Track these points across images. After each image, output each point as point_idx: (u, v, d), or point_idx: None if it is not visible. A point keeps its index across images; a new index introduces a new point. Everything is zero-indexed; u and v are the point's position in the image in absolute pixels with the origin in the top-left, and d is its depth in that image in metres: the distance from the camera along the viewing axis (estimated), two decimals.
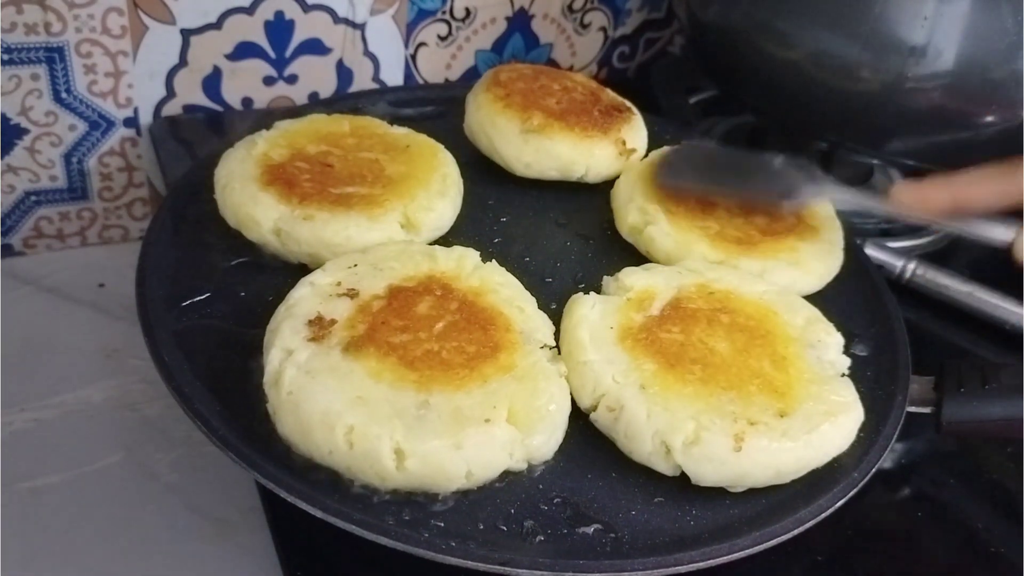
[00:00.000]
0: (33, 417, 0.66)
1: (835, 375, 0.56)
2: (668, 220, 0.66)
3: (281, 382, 0.49)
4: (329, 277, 0.56)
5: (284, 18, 0.83)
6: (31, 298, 0.77)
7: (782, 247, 0.65)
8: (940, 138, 0.76)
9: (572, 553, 0.47)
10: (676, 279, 0.60)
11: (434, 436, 0.47)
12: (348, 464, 0.47)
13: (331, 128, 0.70)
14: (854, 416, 0.54)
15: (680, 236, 0.65)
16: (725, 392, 0.52)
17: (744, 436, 0.50)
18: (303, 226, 0.60)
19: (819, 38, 0.74)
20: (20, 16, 0.72)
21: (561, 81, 0.78)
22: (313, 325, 0.52)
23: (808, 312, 0.60)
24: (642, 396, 0.51)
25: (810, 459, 0.52)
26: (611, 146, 0.72)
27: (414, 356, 0.51)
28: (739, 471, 0.50)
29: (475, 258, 0.59)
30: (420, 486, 0.48)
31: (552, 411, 0.51)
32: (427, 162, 0.67)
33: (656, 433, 0.50)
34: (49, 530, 0.59)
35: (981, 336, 0.76)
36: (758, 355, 0.55)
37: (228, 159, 0.65)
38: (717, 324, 0.57)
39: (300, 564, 0.53)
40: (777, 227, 0.67)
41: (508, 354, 0.52)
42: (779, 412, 0.52)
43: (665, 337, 0.55)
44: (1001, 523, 0.62)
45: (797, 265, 0.65)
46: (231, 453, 0.48)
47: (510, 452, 0.49)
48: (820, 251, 0.67)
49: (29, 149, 0.79)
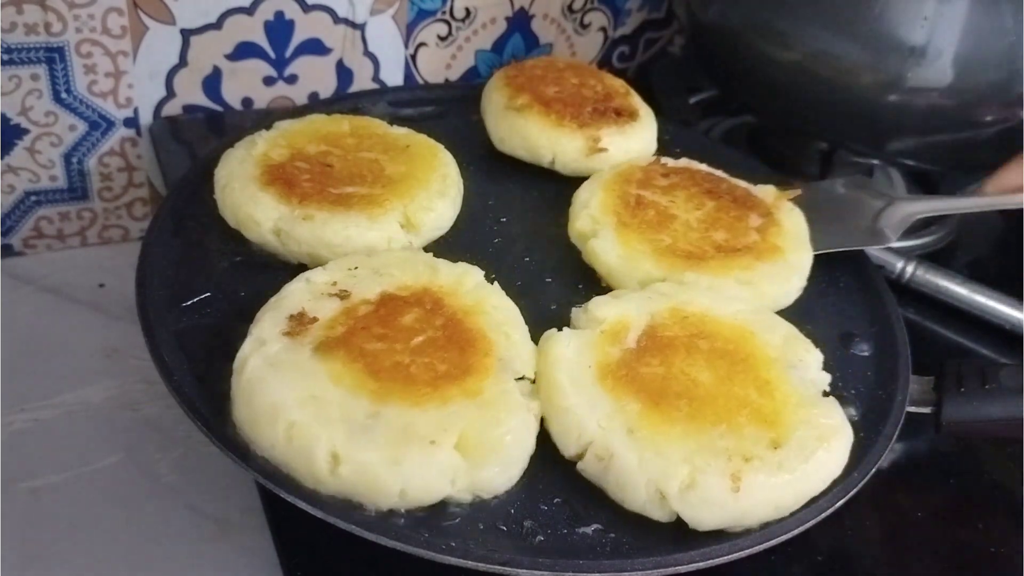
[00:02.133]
0: (33, 417, 0.66)
1: (819, 395, 0.54)
2: (616, 233, 0.63)
3: (244, 369, 0.49)
4: (327, 276, 0.56)
5: (284, 18, 0.83)
6: (31, 298, 0.77)
7: (736, 265, 0.62)
8: (940, 138, 0.76)
9: (572, 553, 0.47)
10: (647, 305, 0.57)
11: (373, 448, 0.46)
12: (286, 460, 0.47)
13: (331, 128, 0.70)
14: (845, 439, 0.52)
15: (624, 251, 0.62)
16: (715, 427, 0.50)
17: (741, 475, 0.47)
18: (303, 226, 0.60)
19: (819, 38, 0.74)
20: (20, 16, 0.72)
21: (585, 78, 0.79)
22: (293, 320, 0.52)
23: (784, 330, 0.58)
24: (631, 441, 0.49)
25: (808, 490, 0.50)
26: (581, 140, 0.73)
27: (381, 366, 0.50)
28: (738, 512, 0.48)
29: (477, 277, 0.58)
30: (353, 495, 0.46)
31: (508, 445, 0.48)
32: (427, 162, 0.67)
33: (650, 481, 0.48)
34: (49, 530, 0.59)
35: (981, 336, 0.76)
36: (742, 382, 0.53)
37: (228, 159, 0.65)
38: (696, 352, 0.54)
39: (300, 564, 0.52)
40: (736, 244, 0.64)
41: (477, 379, 0.50)
42: (772, 443, 0.49)
43: (646, 372, 0.52)
44: (1001, 523, 0.62)
45: (749, 284, 0.61)
46: (231, 453, 0.48)
47: (452, 479, 0.47)
48: (778, 273, 0.63)
49: (29, 149, 0.79)
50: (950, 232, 0.87)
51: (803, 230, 0.67)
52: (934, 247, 0.85)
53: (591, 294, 0.60)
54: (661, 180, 0.69)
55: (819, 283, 0.66)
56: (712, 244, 0.64)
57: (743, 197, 0.68)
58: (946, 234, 0.86)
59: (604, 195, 0.66)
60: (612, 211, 0.65)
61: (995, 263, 0.90)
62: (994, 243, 0.94)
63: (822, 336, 0.63)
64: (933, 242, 0.85)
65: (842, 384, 0.60)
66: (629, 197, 0.66)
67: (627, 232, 0.63)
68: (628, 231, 0.63)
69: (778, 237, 0.65)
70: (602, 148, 0.73)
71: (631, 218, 0.65)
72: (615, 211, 0.65)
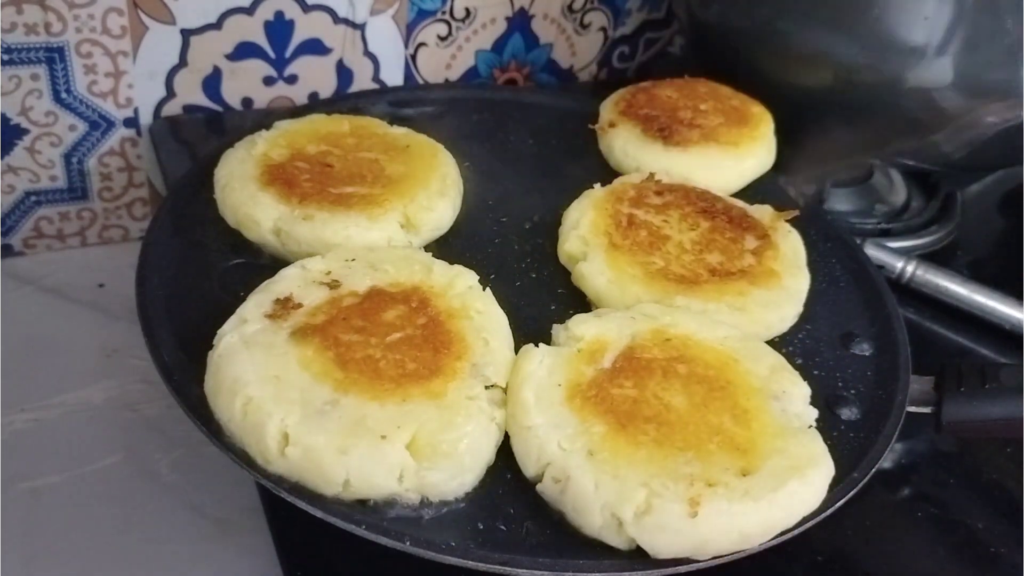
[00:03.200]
0: (33, 417, 0.66)
1: (802, 428, 0.51)
2: (606, 255, 0.61)
3: (219, 344, 0.50)
4: (322, 265, 0.56)
5: (284, 18, 0.83)
6: (31, 298, 0.77)
7: (729, 290, 0.60)
8: (940, 138, 0.76)
9: (572, 553, 0.47)
10: (629, 326, 0.55)
11: (323, 433, 0.46)
12: (240, 435, 0.48)
13: (331, 128, 0.70)
14: (824, 471, 0.49)
15: (613, 275, 0.60)
16: (682, 453, 0.47)
17: (700, 499, 0.45)
18: (303, 226, 0.60)
19: (819, 38, 0.74)
20: (20, 16, 0.72)
21: (695, 103, 0.79)
22: (278, 304, 0.53)
23: (772, 360, 0.55)
24: (589, 464, 0.47)
25: (777, 520, 0.47)
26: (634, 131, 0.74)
27: (351, 358, 0.50)
28: (697, 540, 0.45)
29: (470, 280, 0.57)
30: (300, 479, 0.47)
31: (461, 451, 0.47)
32: (427, 162, 0.67)
33: (605, 505, 0.46)
34: (49, 530, 0.59)
35: (981, 336, 0.76)
36: (717, 409, 0.50)
37: (228, 159, 0.65)
38: (673, 376, 0.52)
39: (300, 564, 0.53)
40: (730, 267, 0.62)
41: (443, 381, 0.49)
42: (741, 471, 0.47)
43: (617, 393, 0.50)
44: (1001, 523, 0.62)
45: (742, 311, 0.59)
46: (231, 454, 0.48)
47: (399, 477, 0.46)
48: (772, 299, 0.61)
49: (29, 149, 0.79)
50: (950, 232, 0.87)
51: (800, 254, 0.65)
52: (934, 247, 0.85)
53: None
54: (655, 198, 0.67)
55: (819, 283, 0.66)
56: (706, 267, 0.62)
57: (739, 217, 0.66)
58: (946, 234, 0.86)
59: (595, 215, 0.64)
60: (603, 232, 0.63)
61: (995, 263, 0.90)
62: (994, 243, 0.94)
63: (822, 336, 0.64)
64: (933, 242, 0.85)
65: (842, 384, 0.60)
66: (621, 216, 0.64)
67: (617, 255, 0.61)
68: (618, 253, 0.61)
69: (774, 261, 0.63)
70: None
71: (622, 239, 0.62)
72: (606, 231, 0.63)
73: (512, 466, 0.50)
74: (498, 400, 0.51)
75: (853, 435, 0.56)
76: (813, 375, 0.60)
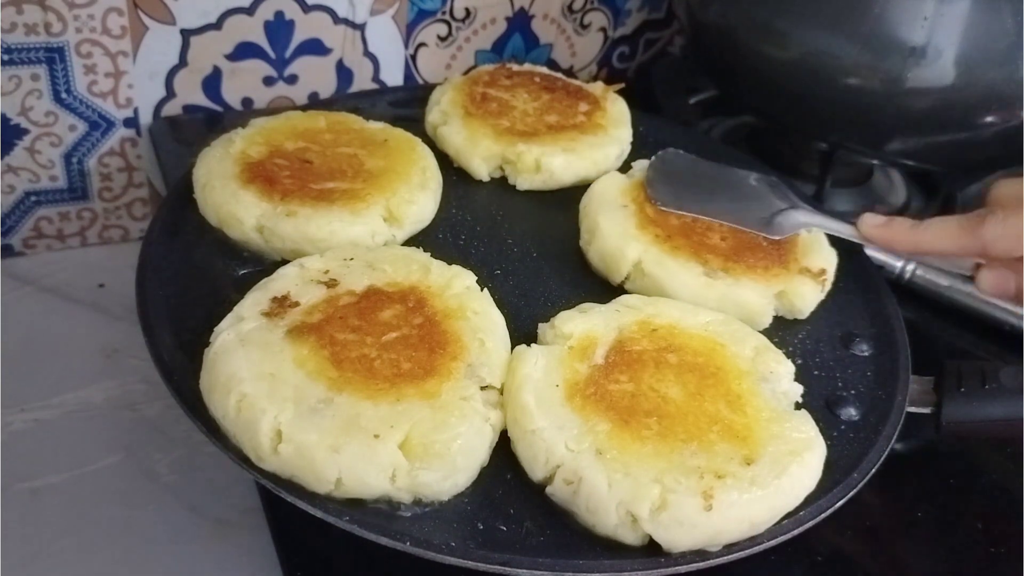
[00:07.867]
0: (33, 417, 0.66)
1: (790, 408, 0.54)
2: (463, 120, 0.73)
3: (216, 341, 0.51)
4: (320, 263, 0.57)
5: (284, 18, 0.83)
6: (31, 298, 0.77)
7: (562, 138, 0.73)
8: (940, 138, 0.76)
9: (572, 553, 0.47)
10: (615, 319, 0.56)
11: (316, 431, 0.46)
12: (234, 431, 0.48)
13: (307, 124, 0.70)
14: (818, 452, 0.51)
15: (468, 133, 0.72)
16: (686, 445, 0.49)
17: (713, 492, 0.46)
18: (286, 222, 0.60)
19: (819, 38, 0.74)
20: (20, 16, 0.72)
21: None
22: (275, 302, 0.53)
23: (755, 341, 0.57)
24: (600, 464, 0.47)
25: (782, 505, 0.49)
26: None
27: (347, 357, 0.50)
28: (712, 531, 0.47)
29: (468, 281, 0.58)
30: (292, 476, 0.47)
31: (454, 451, 0.47)
32: (405, 156, 0.68)
33: (620, 504, 0.47)
34: (49, 530, 0.59)
35: (981, 336, 0.76)
36: (712, 397, 0.52)
37: (205, 158, 0.65)
38: (665, 366, 0.53)
39: (300, 564, 0.53)
40: (564, 123, 0.75)
41: (438, 382, 0.50)
42: (744, 459, 0.49)
43: (614, 389, 0.52)
44: (1001, 523, 0.62)
45: (573, 152, 0.72)
46: (231, 454, 0.48)
47: (391, 477, 0.46)
48: (598, 142, 0.74)
49: (29, 149, 0.79)
50: None
51: (625, 114, 0.78)
52: None
53: (590, 297, 0.60)
54: (505, 81, 0.80)
55: None
56: (545, 125, 0.75)
57: (575, 90, 0.80)
58: None
59: (453, 93, 0.77)
60: (460, 105, 0.75)
61: None
62: None
63: (822, 336, 0.64)
64: None
65: (842, 384, 0.60)
66: (476, 94, 0.76)
67: (472, 120, 0.74)
68: (472, 119, 0.74)
69: (602, 118, 0.77)
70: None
71: (476, 110, 0.75)
72: (463, 105, 0.75)
73: (511, 466, 0.50)
74: (493, 401, 0.51)
75: (853, 435, 0.56)
76: (813, 375, 0.60)
